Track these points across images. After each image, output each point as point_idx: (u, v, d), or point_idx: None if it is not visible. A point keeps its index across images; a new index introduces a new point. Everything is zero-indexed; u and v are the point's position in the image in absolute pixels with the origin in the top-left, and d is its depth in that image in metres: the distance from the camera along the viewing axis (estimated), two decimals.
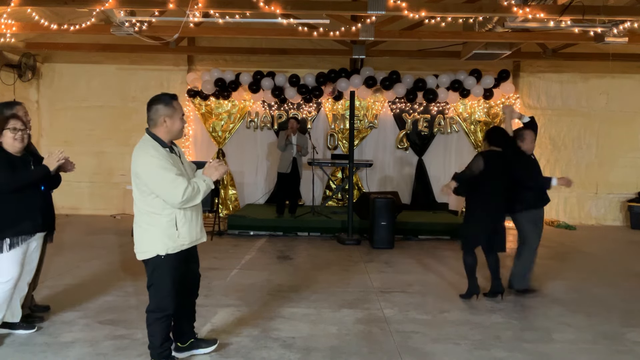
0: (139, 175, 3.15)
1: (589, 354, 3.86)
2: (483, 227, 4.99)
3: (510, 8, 6.18)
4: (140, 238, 3.25)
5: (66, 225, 8.88)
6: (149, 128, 3.29)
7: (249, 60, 10.17)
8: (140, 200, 3.20)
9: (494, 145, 5.05)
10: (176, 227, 3.20)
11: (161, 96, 3.33)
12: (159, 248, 3.19)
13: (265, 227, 8.52)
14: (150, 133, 3.27)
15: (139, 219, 3.24)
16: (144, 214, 3.20)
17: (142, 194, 3.18)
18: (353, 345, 3.91)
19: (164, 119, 3.25)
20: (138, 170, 3.15)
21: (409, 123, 10.13)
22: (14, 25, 7.57)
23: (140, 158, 3.15)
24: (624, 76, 10.11)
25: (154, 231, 3.18)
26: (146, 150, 3.17)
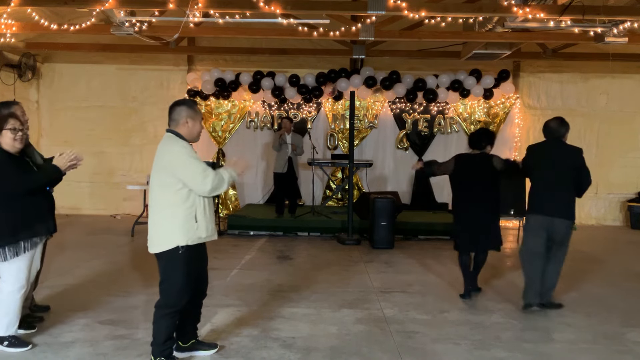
0: (168, 166, 3.26)
1: (589, 354, 3.86)
2: (462, 226, 5.12)
3: (510, 8, 6.18)
4: (157, 231, 3.31)
5: (66, 225, 8.88)
6: (174, 129, 3.41)
7: (249, 60, 10.17)
8: (161, 195, 3.29)
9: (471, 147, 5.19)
10: (195, 219, 3.29)
11: (185, 100, 3.58)
12: (178, 239, 3.25)
13: (265, 227, 8.52)
14: (174, 131, 3.40)
15: (158, 213, 3.31)
16: (164, 208, 3.28)
17: (164, 188, 3.27)
18: (353, 345, 3.91)
19: (187, 120, 3.39)
20: (167, 161, 3.26)
21: (409, 123, 10.13)
22: (14, 25, 7.57)
23: (171, 150, 3.29)
24: (624, 76, 10.10)
25: (174, 223, 3.26)
26: (176, 142, 3.33)
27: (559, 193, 4.65)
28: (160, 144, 3.38)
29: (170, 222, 3.26)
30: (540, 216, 4.67)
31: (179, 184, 3.24)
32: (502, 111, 9.98)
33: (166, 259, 3.29)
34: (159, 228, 3.30)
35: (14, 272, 3.62)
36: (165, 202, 3.28)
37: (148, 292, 5.07)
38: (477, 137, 5.17)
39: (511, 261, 6.93)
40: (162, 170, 3.29)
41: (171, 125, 3.42)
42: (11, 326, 3.67)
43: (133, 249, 7.31)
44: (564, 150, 4.74)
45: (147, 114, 10.24)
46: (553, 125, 4.78)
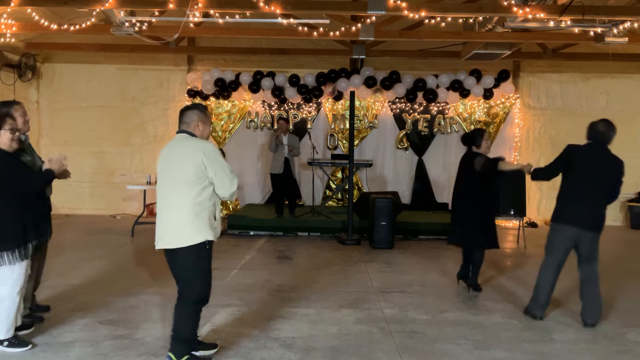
0: (200, 162, 3.27)
1: (589, 354, 3.86)
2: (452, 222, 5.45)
3: (510, 8, 6.18)
4: (182, 227, 3.30)
5: (66, 225, 8.89)
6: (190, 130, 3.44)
7: (249, 60, 10.17)
8: (188, 191, 3.29)
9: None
10: (215, 217, 3.41)
11: (197, 104, 3.63)
12: (207, 234, 3.33)
13: (265, 227, 8.52)
14: (189, 132, 3.43)
15: (184, 208, 3.29)
16: (190, 205, 3.29)
17: (191, 184, 3.28)
18: (353, 345, 3.91)
19: (198, 123, 3.44)
20: (200, 158, 3.27)
21: (409, 123, 10.13)
22: (14, 25, 7.57)
23: (203, 147, 3.32)
24: (624, 76, 10.11)
25: (201, 218, 3.31)
26: (204, 141, 3.41)
27: (595, 204, 4.30)
28: (179, 142, 3.39)
29: (198, 217, 3.30)
30: (570, 227, 4.31)
31: (206, 181, 3.31)
32: (502, 111, 9.98)
33: (195, 253, 3.32)
34: (185, 224, 3.29)
35: (16, 276, 3.62)
36: (191, 199, 3.29)
37: (148, 292, 5.08)
38: (465, 137, 5.48)
39: (511, 261, 6.93)
40: (190, 167, 3.28)
41: (182, 127, 3.47)
42: (12, 328, 3.67)
43: (133, 249, 7.31)
44: (610, 160, 4.31)
45: (147, 114, 10.25)
46: (602, 128, 4.32)
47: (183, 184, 3.30)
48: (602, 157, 4.31)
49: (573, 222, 4.30)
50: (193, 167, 3.28)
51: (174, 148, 3.41)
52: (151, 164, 10.20)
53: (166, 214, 3.36)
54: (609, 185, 4.32)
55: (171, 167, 3.36)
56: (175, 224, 3.31)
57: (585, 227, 4.28)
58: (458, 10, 6.86)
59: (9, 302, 3.61)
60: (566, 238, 4.35)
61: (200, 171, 3.28)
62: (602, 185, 4.29)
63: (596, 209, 4.31)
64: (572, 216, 4.31)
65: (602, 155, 4.32)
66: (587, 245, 4.33)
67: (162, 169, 3.42)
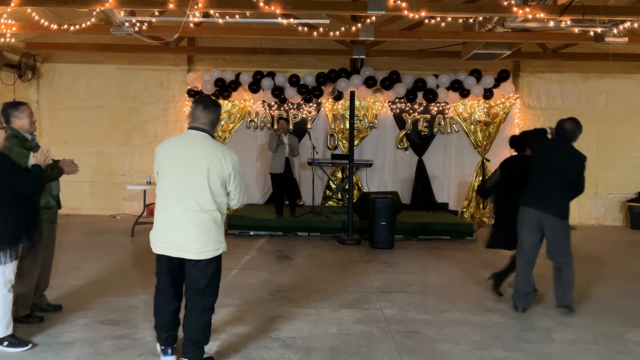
0: (228, 172, 3.24)
1: (589, 354, 3.86)
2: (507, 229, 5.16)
3: (510, 8, 6.18)
4: (208, 238, 3.23)
5: (66, 225, 8.88)
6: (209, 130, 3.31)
7: (249, 60, 10.17)
8: (211, 200, 3.21)
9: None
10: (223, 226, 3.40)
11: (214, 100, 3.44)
12: (224, 245, 3.37)
13: (265, 227, 8.52)
14: (208, 132, 3.31)
15: (205, 218, 3.20)
16: (214, 214, 3.24)
17: (216, 194, 3.22)
18: (353, 345, 3.91)
19: (215, 123, 3.37)
20: (230, 168, 3.24)
21: (409, 123, 10.13)
22: (14, 25, 7.57)
23: (232, 157, 3.28)
24: (624, 76, 10.10)
25: (221, 228, 3.34)
26: (231, 151, 3.36)
27: (557, 193, 4.63)
28: (201, 143, 3.23)
29: (220, 227, 3.31)
30: (534, 210, 4.64)
31: (226, 190, 3.29)
32: (502, 111, 9.98)
33: (217, 263, 3.34)
34: (210, 233, 3.23)
35: (8, 274, 3.63)
36: (216, 206, 3.24)
37: (148, 292, 5.07)
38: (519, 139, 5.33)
39: None
40: (217, 175, 3.21)
41: (199, 125, 3.28)
42: (9, 326, 3.67)
43: (133, 249, 7.31)
44: (573, 156, 4.67)
45: (147, 114, 10.25)
46: (568, 127, 4.70)
47: (207, 191, 3.18)
48: (565, 152, 4.69)
49: (536, 205, 4.65)
50: (220, 177, 3.21)
51: (192, 147, 3.22)
52: (151, 164, 10.17)
53: (185, 220, 3.18)
54: (572, 178, 4.65)
55: (190, 169, 3.18)
56: (199, 233, 3.19)
57: (547, 210, 4.59)
58: (458, 10, 6.86)
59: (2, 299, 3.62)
60: (531, 221, 4.66)
61: (226, 182, 3.26)
62: (565, 177, 4.64)
63: (558, 198, 4.64)
64: (535, 200, 4.67)
65: (566, 150, 4.70)
66: (550, 231, 4.61)
67: (176, 168, 3.20)
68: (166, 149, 3.30)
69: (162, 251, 3.27)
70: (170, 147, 3.29)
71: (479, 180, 9.97)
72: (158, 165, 3.32)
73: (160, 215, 3.27)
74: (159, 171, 3.31)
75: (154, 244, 3.30)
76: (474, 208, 10.06)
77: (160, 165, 3.29)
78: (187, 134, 3.30)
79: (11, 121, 4.02)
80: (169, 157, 3.26)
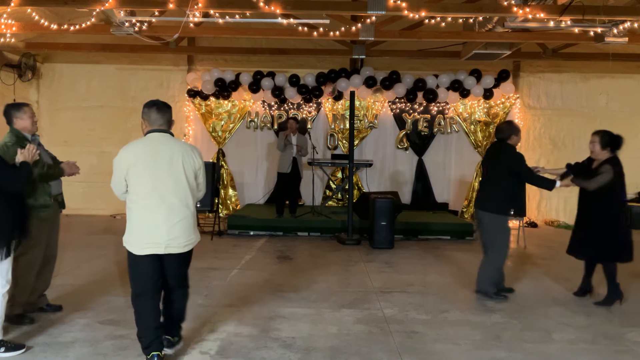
0: (198, 169, 3.49)
1: (589, 354, 3.86)
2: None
3: (510, 8, 6.18)
4: (190, 230, 3.45)
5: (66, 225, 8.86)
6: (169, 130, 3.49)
7: (249, 60, 10.17)
8: (188, 195, 3.42)
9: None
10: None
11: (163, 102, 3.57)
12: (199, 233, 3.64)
13: (265, 227, 8.52)
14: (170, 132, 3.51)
15: (187, 213, 3.41)
16: (192, 207, 3.47)
17: (191, 188, 3.44)
18: (353, 345, 3.91)
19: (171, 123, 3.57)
20: (199, 165, 3.50)
21: (409, 123, 10.13)
22: (14, 25, 7.57)
23: (199, 154, 3.53)
24: (624, 76, 10.10)
25: (195, 220, 3.56)
26: (194, 146, 3.65)
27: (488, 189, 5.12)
28: (170, 143, 3.40)
29: (195, 219, 3.53)
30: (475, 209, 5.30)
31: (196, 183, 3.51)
32: (502, 111, 9.98)
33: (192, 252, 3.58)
34: (192, 225, 3.47)
35: (4, 273, 3.59)
36: (192, 200, 3.45)
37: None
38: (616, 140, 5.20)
39: (511, 261, 6.92)
40: (190, 170, 3.42)
41: (165, 127, 3.46)
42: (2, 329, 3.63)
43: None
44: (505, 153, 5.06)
45: None
46: (502, 127, 5.21)
47: (185, 187, 3.38)
48: (497, 151, 5.13)
49: (475, 204, 5.36)
50: (192, 171, 3.43)
51: (164, 149, 3.34)
52: None
53: (168, 218, 3.31)
54: (503, 173, 4.97)
55: (167, 169, 3.32)
56: (183, 228, 3.37)
57: (479, 206, 5.14)
58: (458, 10, 6.86)
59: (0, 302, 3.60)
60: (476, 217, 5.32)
61: (197, 175, 3.49)
62: (496, 173, 5.05)
63: (488, 193, 5.10)
64: (475, 200, 5.43)
65: (498, 149, 5.13)
66: (481, 225, 5.12)
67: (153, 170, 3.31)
68: (136, 153, 3.36)
69: (148, 251, 3.31)
70: (139, 152, 3.36)
71: (479, 181, 9.97)
72: (127, 170, 3.37)
73: (141, 217, 3.34)
74: (130, 175, 3.36)
75: (138, 245, 3.32)
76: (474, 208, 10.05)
77: (132, 169, 3.34)
78: (153, 137, 3.40)
79: (13, 122, 4.04)
80: (142, 161, 3.33)
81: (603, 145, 5.06)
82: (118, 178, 3.42)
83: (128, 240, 3.37)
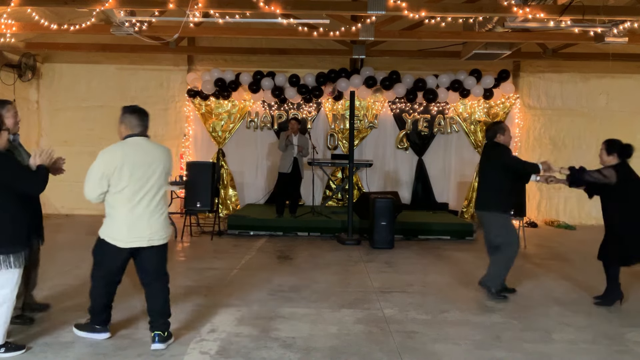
0: (171, 167, 3.87)
1: (589, 354, 3.86)
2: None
3: (510, 8, 6.18)
4: (166, 225, 3.79)
5: (66, 225, 8.89)
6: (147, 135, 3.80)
7: (249, 60, 10.17)
8: (163, 194, 3.78)
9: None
10: None
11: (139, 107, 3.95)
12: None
13: (265, 227, 8.52)
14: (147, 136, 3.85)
15: (164, 209, 3.78)
16: (166, 204, 3.82)
17: (164, 187, 3.78)
18: (353, 345, 3.91)
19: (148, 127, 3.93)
20: (171, 163, 3.87)
21: (409, 123, 10.13)
22: (14, 25, 7.57)
23: (171, 154, 3.88)
24: (624, 76, 10.10)
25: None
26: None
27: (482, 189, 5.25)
28: (152, 146, 3.75)
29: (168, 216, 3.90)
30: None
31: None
32: (502, 111, 9.98)
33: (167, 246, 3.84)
34: (166, 219, 3.80)
35: (16, 279, 3.58)
36: (166, 198, 3.83)
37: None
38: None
39: None
40: (165, 171, 3.77)
41: (144, 132, 3.77)
42: (5, 333, 3.63)
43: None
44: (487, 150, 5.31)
45: None
46: (488, 127, 5.44)
47: (162, 186, 3.74)
48: (487, 151, 5.31)
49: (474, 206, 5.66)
50: (167, 172, 3.78)
51: (147, 152, 3.68)
52: None
53: (151, 214, 3.66)
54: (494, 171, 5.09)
55: (152, 170, 3.66)
56: (163, 222, 3.74)
57: (477, 207, 5.35)
58: (458, 10, 6.86)
59: (8, 306, 3.58)
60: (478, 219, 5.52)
61: (167, 174, 3.83)
62: (489, 172, 5.20)
63: (484, 193, 5.21)
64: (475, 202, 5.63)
65: (487, 149, 5.30)
66: (483, 226, 5.24)
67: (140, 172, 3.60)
68: (122, 156, 3.59)
69: (133, 244, 3.63)
70: (126, 154, 3.60)
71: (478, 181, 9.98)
72: (114, 171, 3.56)
73: (128, 214, 3.61)
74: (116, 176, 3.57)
75: (123, 240, 3.61)
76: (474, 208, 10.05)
77: (119, 170, 3.56)
78: (136, 141, 3.70)
79: None
80: (129, 163, 3.58)
81: (608, 152, 5.12)
82: (100, 179, 3.59)
83: (111, 235, 3.65)
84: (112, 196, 3.62)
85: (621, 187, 4.87)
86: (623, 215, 4.89)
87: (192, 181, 7.81)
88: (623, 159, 5.03)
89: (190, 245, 7.67)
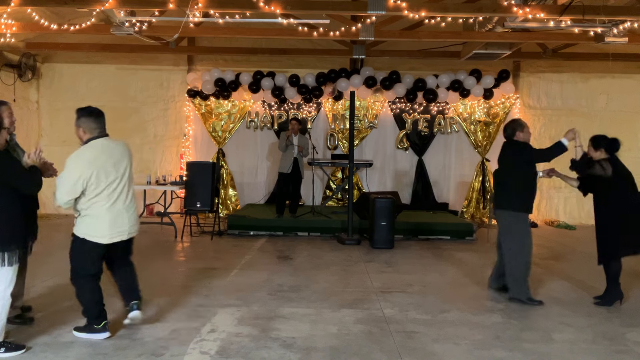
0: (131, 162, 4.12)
1: (589, 354, 3.86)
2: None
3: (510, 8, 6.19)
4: (137, 217, 4.09)
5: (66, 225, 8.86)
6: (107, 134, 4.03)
7: (249, 60, 10.17)
8: (131, 188, 4.04)
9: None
10: None
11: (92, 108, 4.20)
12: None
13: (265, 227, 8.52)
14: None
15: (134, 203, 4.05)
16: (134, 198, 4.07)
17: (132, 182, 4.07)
18: (353, 345, 3.91)
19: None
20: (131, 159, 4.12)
21: (409, 123, 10.13)
22: (14, 25, 7.57)
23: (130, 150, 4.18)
24: (624, 76, 10.11)
25: None
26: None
27: (500, 188, 5.21)
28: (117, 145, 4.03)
29: None
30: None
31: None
32: (502, 111, 9.98)
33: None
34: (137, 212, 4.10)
35: (11, 276, 3.58)
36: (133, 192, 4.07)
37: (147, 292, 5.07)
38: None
39: None
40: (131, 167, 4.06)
41: (104, 131, 4.04)
42: (4, 331, 3.63)
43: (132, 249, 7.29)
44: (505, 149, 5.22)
45: (147, 114, 10.25)
46: (505, 126, 5.32)
47: (131, 182, 4.02)
48: (504, 150, 5.22)
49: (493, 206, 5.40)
50: (131, 165, 4.05)
51: (114, 151, 3.93)
52: (151, 164, 10.21)
53: (127, 209, 3.93)
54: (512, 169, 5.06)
55: (123, 168, 3.92)
56: (136, 215, 4.05)
57: (496, 206, 5.23)
58: (458, 10, 6.86)
59: (2, 304, 3.58)
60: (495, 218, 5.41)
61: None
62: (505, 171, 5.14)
63: (499, 191, 5.21)
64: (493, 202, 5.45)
65: (504, 148, 5.22)
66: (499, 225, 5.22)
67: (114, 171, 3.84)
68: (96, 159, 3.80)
69: (115, 240, 3.84)
70: (98, 157, 3.82)
71: (479, 181, 9.98)
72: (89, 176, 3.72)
73: (108, 212, 3.80)
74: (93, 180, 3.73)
75: (106, 236, 3.80)
76: (474, 208, 10.06)
77: (96, 174, 3.75)
78: (103, 142, 3.95)
79: None
80: (103, 166, 3.79)
81: (595, 148, 5.25)
82: (73, 185, 3.68)
83: (92, 233, 3.78)
84: (89, 199, 3.75)
85: (614, 180, 4.99)
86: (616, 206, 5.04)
87: (192, 181, 7.81)
88: (611, 153, 5.12)
89: (190, 245, 7.67)
